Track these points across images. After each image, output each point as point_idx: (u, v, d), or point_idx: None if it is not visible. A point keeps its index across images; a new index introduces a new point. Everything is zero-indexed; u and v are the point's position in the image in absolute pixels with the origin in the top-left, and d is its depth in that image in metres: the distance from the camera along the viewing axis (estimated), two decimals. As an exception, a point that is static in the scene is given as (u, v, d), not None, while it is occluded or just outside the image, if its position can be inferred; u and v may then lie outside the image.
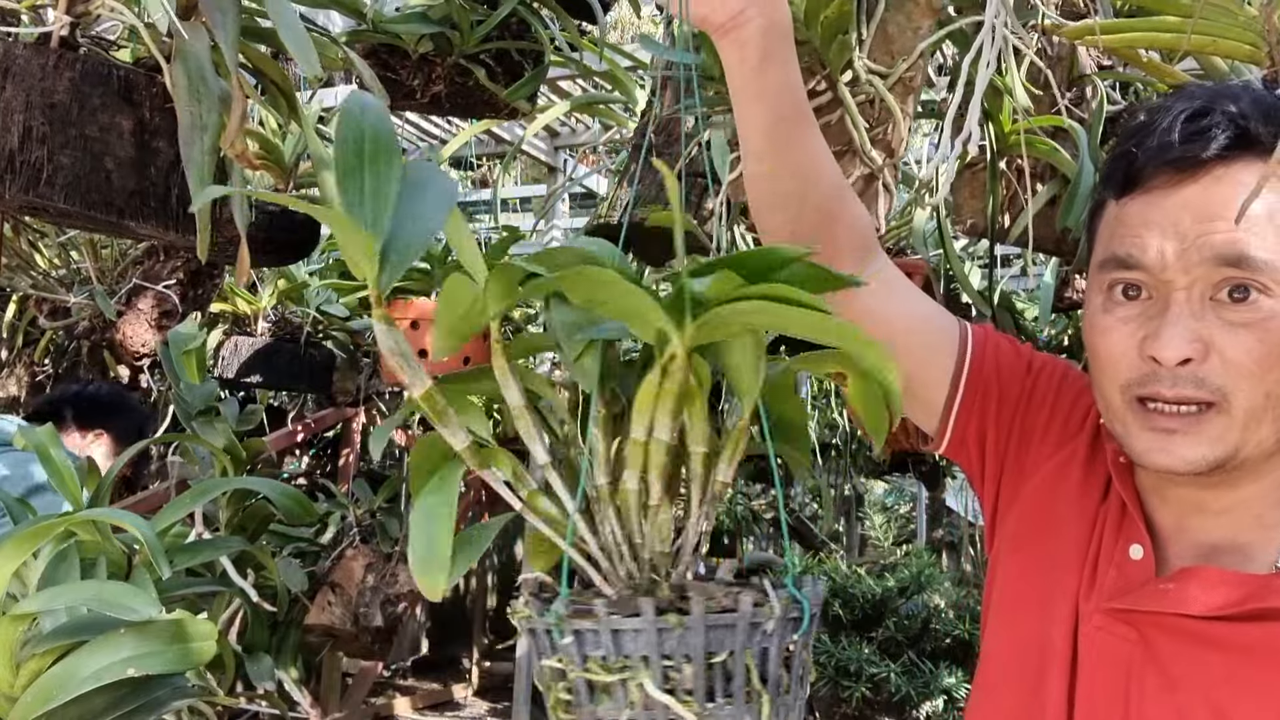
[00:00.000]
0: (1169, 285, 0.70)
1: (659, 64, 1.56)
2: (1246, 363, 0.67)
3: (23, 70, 0.96)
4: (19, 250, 2.39)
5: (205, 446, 1.68)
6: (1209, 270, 0.68)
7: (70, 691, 0.85)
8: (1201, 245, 0.68)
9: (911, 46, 1.08)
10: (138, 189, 1.01)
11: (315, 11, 1.72)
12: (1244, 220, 0.65)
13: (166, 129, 1.03)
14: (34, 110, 0.96)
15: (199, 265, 2.25)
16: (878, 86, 1.06)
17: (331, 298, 2.99)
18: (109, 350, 2.31)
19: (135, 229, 1.03)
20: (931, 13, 1.09)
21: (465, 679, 5.70)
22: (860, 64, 1.06)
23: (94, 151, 0.98)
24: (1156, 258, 0.70)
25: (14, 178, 0.95)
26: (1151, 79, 1.46)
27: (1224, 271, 0.68)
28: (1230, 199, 0.67)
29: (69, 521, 0.96)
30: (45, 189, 0.96)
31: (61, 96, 0.97)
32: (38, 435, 1.23)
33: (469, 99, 1.62)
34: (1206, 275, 0.68)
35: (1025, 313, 3.51)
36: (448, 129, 3.80)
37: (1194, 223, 0.69)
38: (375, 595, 2.95)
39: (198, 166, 0.94)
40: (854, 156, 1.07)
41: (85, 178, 0.97)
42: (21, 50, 0.97)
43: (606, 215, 1.55)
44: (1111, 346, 0.73)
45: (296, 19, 1.00)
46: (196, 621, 0.91)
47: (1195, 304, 0.69)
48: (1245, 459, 0.70)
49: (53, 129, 0.96)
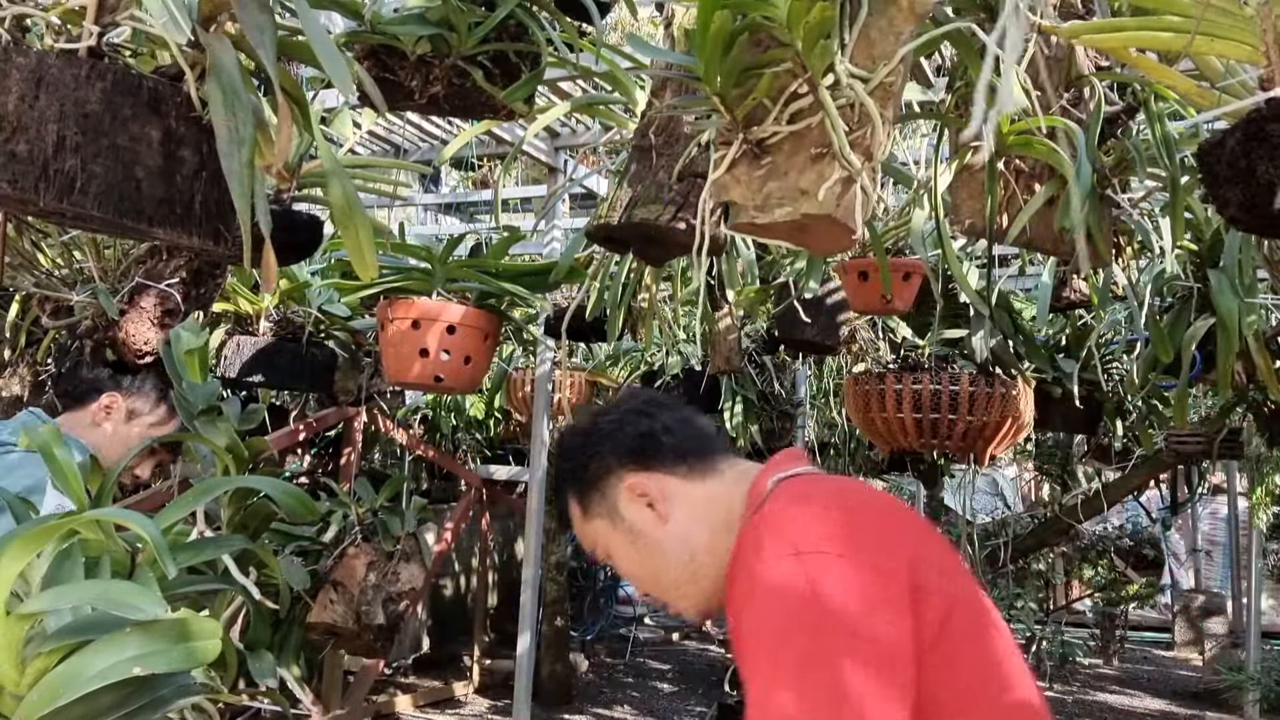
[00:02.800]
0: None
1: (659, 64, 1.57)
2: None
3: (56, 80, 0.97)
4: (22, 250, 2.40)
5: (207, 445, 1.69)
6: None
7: (76, 690, 0.86)
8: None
9: (893, 51, 1.09)
10: (166, 197, 1.03)
11: (315, 13, 1.73)
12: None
13: (191, 138, 1.04)
14: (67, 120, 0.97)
15: (201, 264, 2.25)
16: (858, 91, 1.06)
17: (333, 297, 3.00)
18: (111, 349, 2.31)
19: (163, 235, 1.05)
20: (914, 18, 1.09)
21: (466, 677, 5.71)
22: (841, 68, 1.06)
23: (125, 160, 0.99)
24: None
25: (48, 186, 0.96)
26: (1150, 79, 1.47)
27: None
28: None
29: (73, 521, 0.96)
30: (79, 197, 0.97)
31: (94, 106, 0.98)
32: (40, 435, 1.23)
33: (467, 100, 1.62)
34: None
35: (1023, 312, 3.52)
36: (449, 130, 3.81)
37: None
38: (377, 593, 2.96)
39: (239, 179, 0.96)
40: (833, 160, 1.08)
41: (117, 186, 0.99)
42: (54, 60, 0.98)
43: (606, 216, 1.55)
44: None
45: (329, 39, 1.01)
46: (201, 620, 0.91)
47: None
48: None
49: (85, 138, 0.97)
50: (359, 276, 1.23)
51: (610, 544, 1.21)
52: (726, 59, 1.08)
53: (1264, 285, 2.40)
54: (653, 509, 1.17)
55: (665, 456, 1.19)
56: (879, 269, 2.46)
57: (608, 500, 1.20)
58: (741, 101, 1.12)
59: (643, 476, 1.18)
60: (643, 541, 1.17)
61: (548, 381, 3.74)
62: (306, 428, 3.77)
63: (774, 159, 1.13)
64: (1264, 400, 3.30)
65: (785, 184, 1.11)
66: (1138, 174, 1.58)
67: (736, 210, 1.15)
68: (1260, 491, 5.13)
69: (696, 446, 1.21)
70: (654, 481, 1.18)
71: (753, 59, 1.11)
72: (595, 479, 1.21)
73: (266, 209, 1.05)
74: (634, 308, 2.77)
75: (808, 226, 1.12)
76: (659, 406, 1.25)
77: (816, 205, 1.08)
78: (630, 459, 1.19)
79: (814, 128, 1.09)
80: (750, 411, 4.34)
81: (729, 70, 1.09)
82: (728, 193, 1.16)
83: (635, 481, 1.18)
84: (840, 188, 1.07)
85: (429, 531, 4.33)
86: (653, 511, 1.17)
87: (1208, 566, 7.97)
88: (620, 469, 1.19)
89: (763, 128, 1.12)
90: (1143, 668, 7.08)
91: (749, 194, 1.14)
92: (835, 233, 1.12)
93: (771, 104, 1.12)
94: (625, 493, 1.19)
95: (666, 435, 1.20)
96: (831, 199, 1.07)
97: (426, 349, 2.24)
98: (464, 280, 2.35)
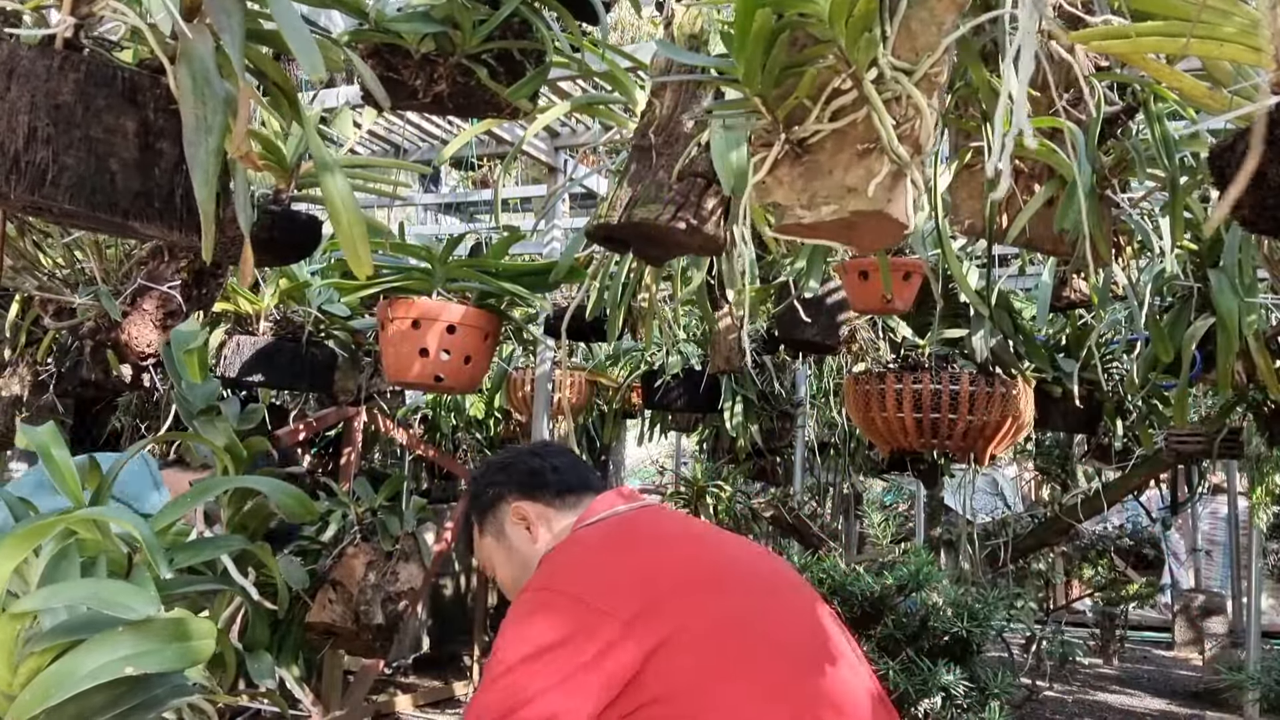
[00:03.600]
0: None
1: (659, 65, 1.57)
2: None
3: (28, 71, 0.96)
4: (24, 251, 2.40)
5: (207, 445, 1.68)
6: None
7: (68, 690, 0.86)
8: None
9: (935, 42, 1.07)
10: (142, 190, 1.01)
11: (317, 12, 1.72)
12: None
13: (171, 130, 1.03)
14: (39, 111, 0.96)
15: (203, 265, 2.25)
16: (903, 83, 1.05)
17: (333, 297, 3.00)
18: (113, 350, 2.31)
19: (140, 230, 1.03)
20: (955, 7, 1.08)
21: (466, 676, 5.71)
22: (885, 61, 1.05)
23: (99, 153, 0.98)
24: None
25: (19, 178, 0.95)
26: (1149, 80, 1.47)
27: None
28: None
29: (68, 520, 0.96)
30: (50, 190, 0.96)
31: (66, 98, 0.97)
32: (39, 435, 1.23)
33: (471, 98, 1.62)
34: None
35: (1023, 312, 3.52)
36: (449, 129, 3.81)
37: None
38: (376, 593, 2.96)
39: (203, 168, 0.95)
40: (881, 154, 1.06)
41: (90, 179, 0.98)
42: (26, 52, 0.97)
43: (606, 215, 1.55)
44: None
45: (300, 20, 1.00)
46: (196, 620, 0.91)
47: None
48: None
49: (57, 130, 0.96)
50: (354, 274, 1.23)
51: (494, 558, 1.51)
52: (768, 59, 1.07)
53: (1264, 285, 2.40)
54: (529, 532, 1.46)
55: (547, 490, 1.48)
56: (879, 269, 2.46)
57: (497, 522, 1.50)
58: (782, 102, 1.11)
59: (527, 503, 1.47)
60: (516, 558, 1.47)
61: (548, 381, 3.74)
62: (306, 428, 3.77)
63: (816, 158, 1.11)
64: (1264, 400, 3.30)
65: (830, 182, 1.10)
66: (1138, 174, 1.58)
67: (780, 212, 1.13)
68: (1260, 491, 5.12)
69: (578, 482, 1.49)
70: (534, 509, 1.47)
71: (790, 58, 1.09)
72: (490, 503, 1.50)
73: (247, 203, 1.04)
74: (634, 307, 2.77)
75: (856, 224, 1.10)
76: (554, 451, 1.54)
77: (866, 202, 1.06)
78: (520, 489, 1.48)
79: (858, 124, 1.08)
80: (750, 411, 4.34)
81: (770, 70, 1.08)
82: (771, 195, 1.14)
83: (521, 506, 1.47)
84: (890, 182, 1.06)
85: (428, 531, 4.32)
86: (529, 534, 1.46)
87: (1208, 566, 7.96)
88: (510, 496, 1.48)
89: (804, 127, 1.11)
90: (1143, 667, 7.08)
91: (793, 195, 1.12)
92: (885, 228, 1.11)
93: (812, 103, 1.10)
94: (512, 515, 1.48)
95: (553, 474, 1.49)
96: (882, 194, 1.06)
97: (426, 349, 2.24)
98: (464, 280, 2.34)
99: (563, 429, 4.17)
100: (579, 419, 5.60)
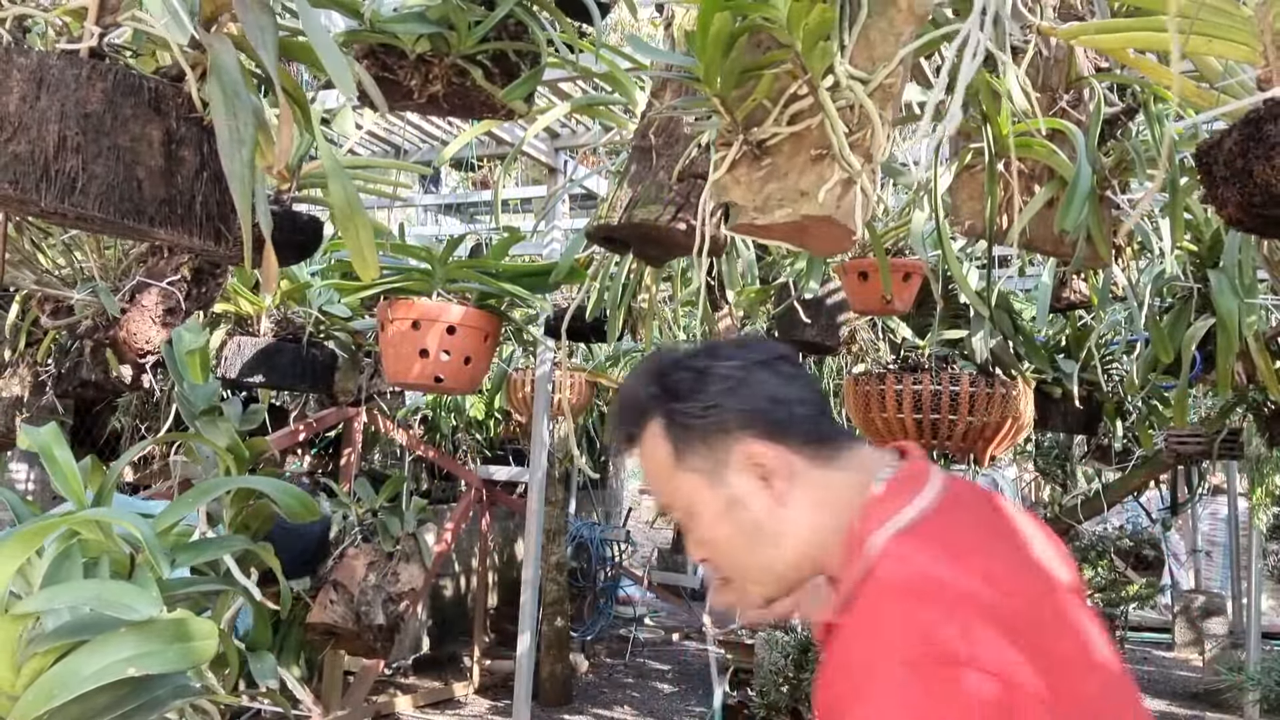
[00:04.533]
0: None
1: (659, 65, 1.57)
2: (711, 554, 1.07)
3: (57, 81, 0.97)
4: (22, 249, 2.40)
5: (208, 445, 1.69)
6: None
7: (71, 690, 0.86)
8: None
9: (893, 53, 1.09)
10: (167, 197, 1.03)
11: (316, 13, 1.72)
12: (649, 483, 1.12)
13: (192, 138, 1.05)
14: (68, 120, 0.97)
15: (202, 263, 2.25)
16: (857, 92, 1.06)
17: (333, 298, 3.00)
18: (112, 348, 2.31)
19: (163, 236, 1.05)
20: (914, 19, 1.10)
21: (466, 677, 5.71)
22: (841, 69, 1.06)
23: (126, 161, 1.00)
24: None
25: (49, 186, 0.96)
26: (1149, 80, 1.47)
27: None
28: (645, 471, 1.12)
29: (71, 521, 0.96)
30: (79, 198, 0.97)
31: (95, 106, 0.98)
32: (42, 436, 1.23)
33: (466, 99, 1.62)
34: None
35: (1023, 313, 3.52)
36: (449, 130, 3.81)
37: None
38: (377, 594, 2.97)
39: (240, 179, 0.96)
40: (833, 161, 1.08)
41: (118, 186, 0.99)
42: (55, 61, 0.98)
43: (606, 216, 1.55)
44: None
45: (332, 41, 1.01)
46: (197, 621, 0.91)
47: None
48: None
49: (86, 139, 0.97)
50: (360, 277, 1.23)
51: (696, 503, 1.04)
52: (726, 60, 1.08)
53: (1264, 285, 2.40)
54: (767, 485, 1.02)
55: (795, 431, 1.02)
56: (879, 269, 2.46)
57: (714, 457, 1.03)
58: (741, 103, 1.12)
59: (766, 446, 1.01)
60: (743, 516, 1.02)
61: (548, 382, 3.74)
62: (306, 428, 3.77)
63: (774, 160, 1.13)
64: (1264, 400, 3.30)
65: (785, 185, 1.11)
66: (1137, 175, 1.58)
67: (737, 211, 1.15)
68: (1260, 492, 5.13)
69: (828, 426, 1.06)
70: (779, 457, 1.01)
71: (753, 60, 1.11)
72: (707, 430, 1.03)
73: (267, 209, 1.05)
74: (634, 308, 2.77)
75: (807, 228, 1.12)
76: (792, 366, 1.07)
77: (816, 207, 1.08)
78: (758, 424, 1.02)
79: (814, 129, 1.10)
80: (750, 412, 4.33)
81: (729, 71, 1.09)
82: (728, 194, 1.16)
83: (759, 451, 1.01)
84: (840, 189, 1.07)
85: (429, 532, 4.33)
86: (766, 488, 1.02)
87: (1208, 567, 7.97)
88: (740, 431, 1.02)
89: (763, 129, 1.12)
90: (1143, 668, 7.08)
91: (749, 195, 1.14)
92: (835, 234, 1.13)
93: (771, 105, 1.12)
94: (740, 458, 1.02)
95: (801, 406, 1.04)
96: (831, 200, 1.08)
97: (426, 349, 2.24)
98: (464, 281, 2.35)
99: (563, 430, 4.17)
100: (579, 420, 5.60)
